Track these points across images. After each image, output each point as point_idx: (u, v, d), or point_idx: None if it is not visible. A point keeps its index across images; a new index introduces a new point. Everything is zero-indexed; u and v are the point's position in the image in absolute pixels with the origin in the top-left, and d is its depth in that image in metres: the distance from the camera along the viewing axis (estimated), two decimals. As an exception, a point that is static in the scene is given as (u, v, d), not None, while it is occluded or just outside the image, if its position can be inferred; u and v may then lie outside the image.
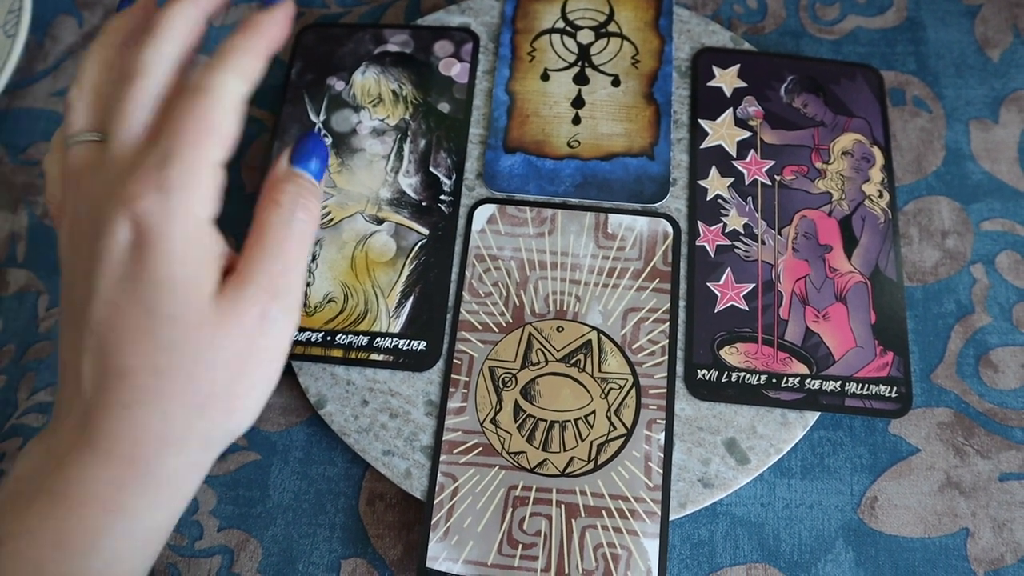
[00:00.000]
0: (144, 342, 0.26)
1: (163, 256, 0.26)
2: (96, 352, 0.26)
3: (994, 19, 0.49)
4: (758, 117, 0.45)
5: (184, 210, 0.26)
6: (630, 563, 0.36)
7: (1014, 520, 0.38)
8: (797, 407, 0.39)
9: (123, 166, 0.28)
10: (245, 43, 0.29)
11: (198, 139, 0.27)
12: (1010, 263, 0.43)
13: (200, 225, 0.27)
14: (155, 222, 0.26)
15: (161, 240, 0.26)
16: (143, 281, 0.26)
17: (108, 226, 0.27)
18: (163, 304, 0.26)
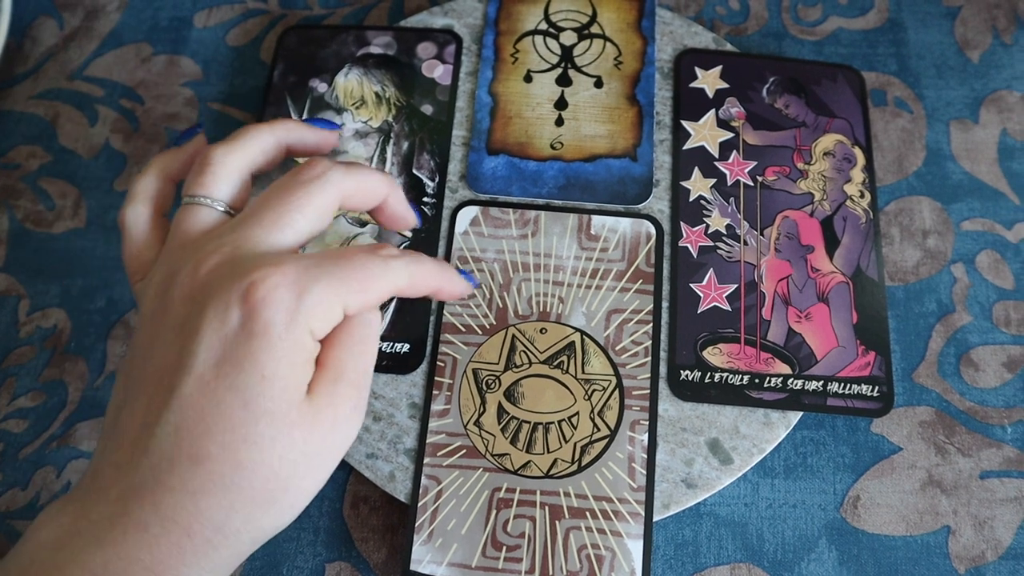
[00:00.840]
0: (232, 432, 0.25)
1: (274, 354, 0.26)
2: (174, 430, 0.25)
3: (973, 20, 0.49)
4: (740, 118, 0.46)
5: (306, 321, 0.26)
6: (614, 564, 0.36)
7: (995, 518, 0.38)
8: (780, 407, 0.39)
9: (258, 249, 0.28)
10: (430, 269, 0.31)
11: (363, 282, 0.28)
12: (990, 262, 0.43)
13: (313, 339, 0.27)
14: (278, 320, 0.26)
15: (278, 340, 0.26)
16: (246, 372, 0.25)
17: (220, 304, 0.26)
18: (263, 399, 0.25)
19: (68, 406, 0.42)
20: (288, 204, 0.29)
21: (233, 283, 0.26)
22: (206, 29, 0.51)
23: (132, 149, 0.48)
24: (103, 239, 0.45)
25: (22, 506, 0.40)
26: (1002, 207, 0.45)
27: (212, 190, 0.30)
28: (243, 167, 0.31)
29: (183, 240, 0.29)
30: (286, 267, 0.26)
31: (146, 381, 0.27)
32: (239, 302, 0.26)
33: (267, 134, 0.33)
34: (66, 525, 0.25)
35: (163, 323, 0.27)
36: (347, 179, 0.31)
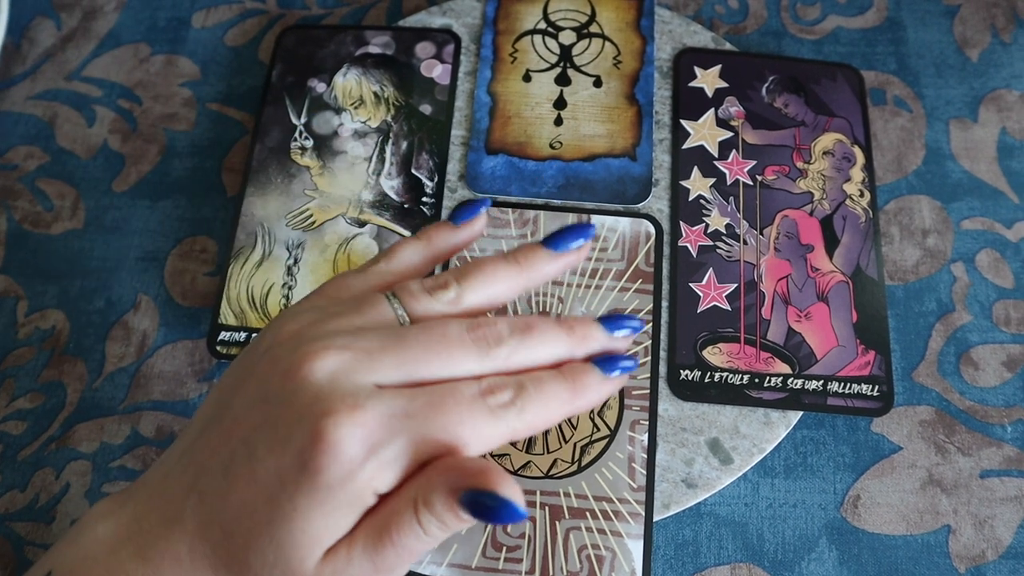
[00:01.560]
0: (252, 538, 0.24)
1: (314, 501, 0.23)
2: (220, 496, 0.25)
3: (972, 19, 0.49)
4: (740, 117, 0.46)
5: (369, 481, 0.24)
6: (614, 564, 0.36)
7: (995, 517, 0.38)
8: (780, 407, 0.39)
9: (366, 373, 0.24)
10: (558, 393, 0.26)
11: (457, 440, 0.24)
12: (990, 261, 0.43)
13: (369, 499, 0.24)
14: (334, 472, 0.23)
15: (326, 490, 0.23)
16: (284, 499, 0.24)
17: (292, 420, 0.24)
18: (282, 531, 0.24)
19: (67, 407, 0.41)
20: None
21: (313, 406, 0.24)
22: (204, 29, 0.51)
23: (130, 149, 0.47)
24: (101, 240, 0.45)
25: (21, 508, 0.39)
26: (1002, 206, 0.45)
27: (413, 306, 0.27)
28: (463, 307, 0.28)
29: (348, 314, 0.27)
30: (368, 414, 0.23)
31: (227, 428, 0.25)
32: (307, 431, 0.23)
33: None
34: (124, 525, 0.26)
35: (267, 379, 0.25)
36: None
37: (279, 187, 0.44)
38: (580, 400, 0.26)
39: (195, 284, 0.44)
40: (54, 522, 0.39)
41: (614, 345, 0.27)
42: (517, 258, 0.28)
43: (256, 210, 0.44)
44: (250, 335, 0.41)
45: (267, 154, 0.45)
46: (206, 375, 0.42)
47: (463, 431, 0.24)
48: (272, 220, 0.43)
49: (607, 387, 0.27)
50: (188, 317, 0.43)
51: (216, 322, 0.41)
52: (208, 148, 0.47)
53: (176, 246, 0.45)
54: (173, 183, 0.47)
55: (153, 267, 0.44)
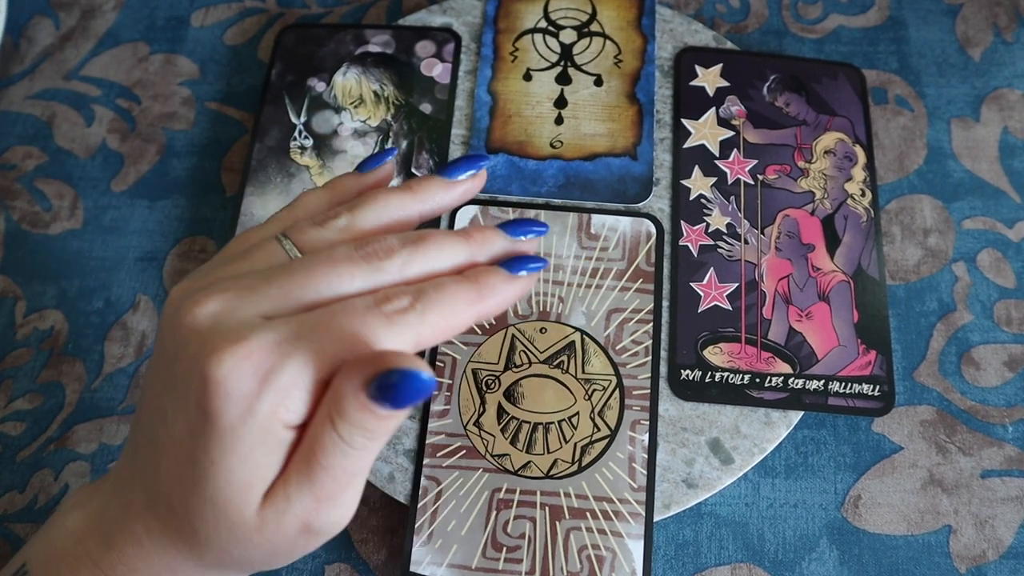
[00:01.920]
0: (190, 502, 0.24)
1: (222, 445, 0.23)
2: (154, 471, 0.24)
3: (974, 18, 0.49)
4: (741, 116, 0.45)
5: (271, 411, 0.22)
6: (615, 565, 0.36)
7: (996, 517, 0.38)
8: (780, 406, 0.39)
9: (249, 308, 0.23)
10: (461, 294, 0.24)
11: (352, 346, 0.22)
12: (991, 261, 0.43)
13: (282, 431, 0.23)
14: (230, 410, 0.22)
15: (229, 431, 0.22)
16: (200, 453, 0.23)
17: (186, 370, 0.23)
18: (211, 489, 0.23)
19: (66, 408, 0.41)
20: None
21: (199, 353, 0.23)
22: (203, 28, 0.51)
23: (129, 149, 0.47)
24: (100, 240, 0.45)
25: (20, 509, 0.39)
26: (1003, 205, 0.44)
27: (304, 241, 0.26)
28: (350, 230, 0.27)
29: (234, 263, 0.26)
30: (252, 343, 0.22)
31: (144, 401, 0.25)
32: (199, 378, 0.22)
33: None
34: (90, 516, 0.26)
35: (162, 346, 0.25)
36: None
37: (279, 186, 0.44)
38: (487, 301, 0.25)
39: (194, 284, 0.44)
40: (53, 523, 0.39)
41: (518, 247, 0.26)
42: (411, 186, 0.27)
43: (256, 209, 0.44)
44: (250, 335, 0.41)
45: (266, 153, 0.45)
46: (205, 375, 0.42)
47: (359, 342, 0.22)
48: (271, 220, 0.43)
49: (514, 287, 0.26)
50: (187, 317, 0.43)
51: (215, 322, 0.41)
52: (207, 147, 0.47)
53: (175, 246, 0.45)
54: (172, 183, 0.46)
55: (152, 267, 0.44)
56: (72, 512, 0.27)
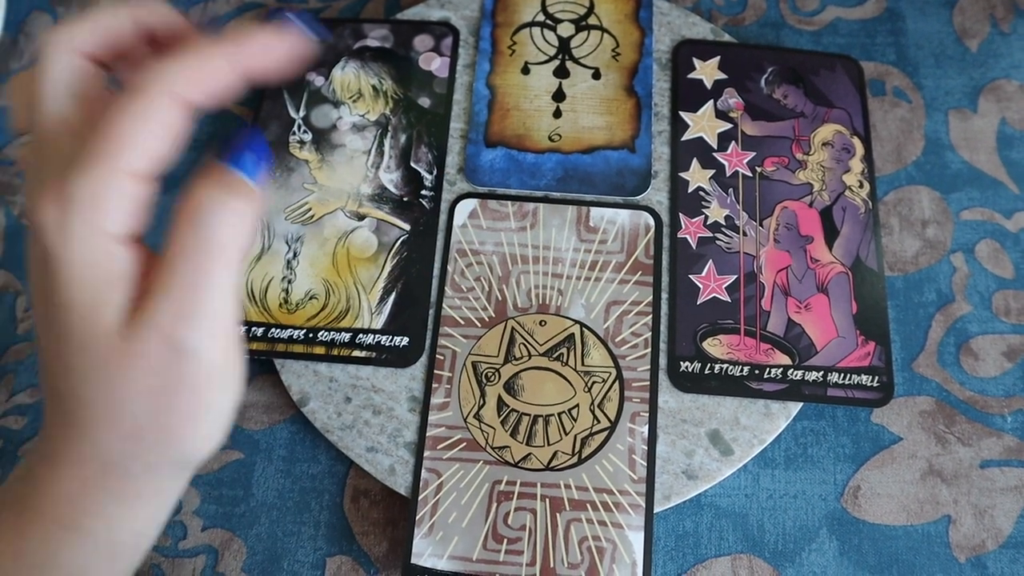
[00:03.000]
0: (62, 369, 0.24)
1: (62, 280, 0.23)
2: (43, 379, 0.25)
3: (971, 9, 0.49)
4: (739, 109, 0.45)
5: (86, 229, 0.22)
6: (615, 556, 0.36)
7: (995, 507, 0.38)
8: (780, 398, 0.39)
9: (37, 168, 0.24)
10: (217, 50, 0.24)
11: (113, 146, 0.22)
12: (989, 252, 0.43)
13: (107, 244, 0.23)
14: (52, 242, 0.22)
15: (59, 262, 0.23)
16: (51, 303, 0.23)
17: (29, 238, 0.24)
18: (70, 331, 0.23)
19: (67, 402, 0.41)
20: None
21: (28, 216, 0.24)
22: (202, 23, 0.51)
23: (128, 144, 0.47)
24: (100, 235, 0.45)
25: (22, 502, 0.39)
26: (1001, 196, 0.44)
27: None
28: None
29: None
30: (46, 180, 0.23)
31: None
32: (31, 235, 0.23)
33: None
34: (29, 462, 0.26)
35: None
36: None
37: (278, 180, 0.44)
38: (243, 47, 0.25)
39: (194, 278, 0.44)
40: (55, 517, 0.39)
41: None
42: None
43: (255, 204, 0.44)
44: (250, 329, 0.41)
45: (266, 148, 0.45)
46: (206, 369, 0.42)
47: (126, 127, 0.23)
48: (271, 214, 0.43)
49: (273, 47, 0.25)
50: (188, 311, 0.43)
51: (216, 316, 0.41)
52: (206, 142, 0.47)
53: (175, 240, 0.45)
54: (171, 178, 0.46)
55: (152, 262, 0.44)
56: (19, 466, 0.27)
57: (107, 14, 0.26)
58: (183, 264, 0.23)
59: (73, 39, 0.25)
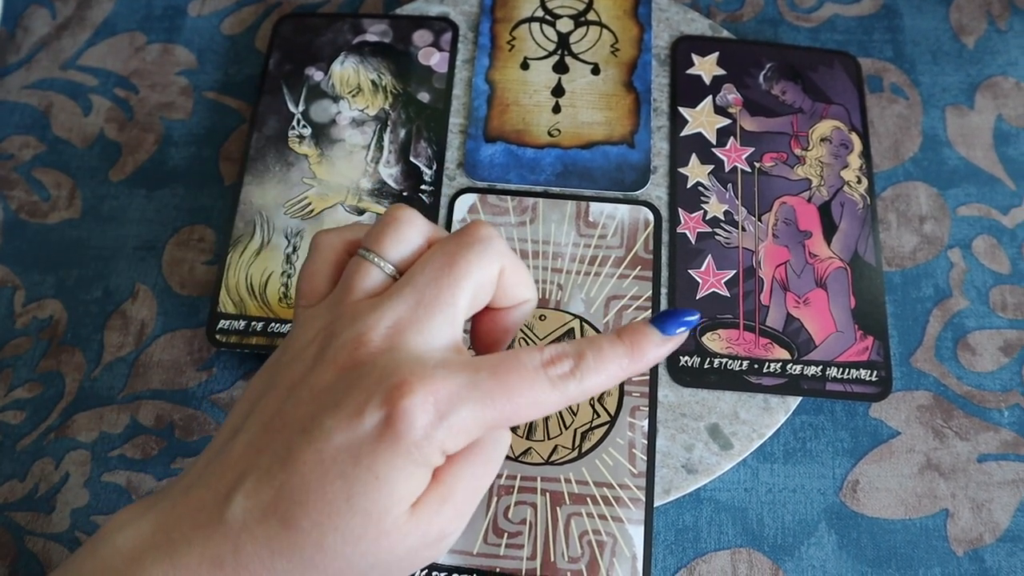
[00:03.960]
0: (327, 517, 0.25)
1: (395, 463, 0.25)
2: (278, 487, 0.25)
3: (968, 6, 0.50)
4: (737, 104, 0.46)
5: (441, 443, 0.25)
6: (615, 550, 0.37)
7: (992, 500, 0.39)
8: (779, 392, 0.40)
9: (419, 343, 0.27)
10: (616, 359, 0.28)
11: (508, 408, 0.26)
12: (986, 247, 0.44)
13: (438, 456, 0.26)
14: (411, 437, 0.25)
15: (405, 452, 0.25)
16: (362, 468, 0.25)
17: (364, 395, 0.25)
18: (366, 499, 0.25)
19: (65, 397, 0.41)
20: (451, 276, 0.27)
21: (384, 381, 0.25)
22: (200, 18, 0.51)
23: (127, 138, 0.47)
24: (99, 229, 0.45)
25: (20, 497, 0.39)
26: (998, 192, 0.45)
27: (388, 251, 0.29)
28: (427, 234, 0.30)
29: (352, 298, 0.28)
30: (438, 384, 0.25)
31: (270, 425, 0.26)
32: (381, 403, 0.25)
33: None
34: (146, 535, 0.26)
35: (308, 379, 0.27)
36: (511, 252, 0.29)
37: (277, 175, 0.44)
38: (638, 365, 0.28)
39: (193, 273, 0.44)
40: (54, 512, 0.39)
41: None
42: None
43: (254, 198, 0.44)
44: (249, 323, 0.41)
45: (265, 142, 0.45)
46: (205, 364, 0.42)
47: (523, 401, 0.26)
48: (271, 208, 0.43)
49: (666, 348, 0.28)
50: (186, 306, 0.43)
51: (215, 310, 0.41)
52: (205, 137, 0.47)
53: (174, 235, 0.45)
54: (170, 172, 0.46)
55: (151, 256, 0.44)
56: (122, 531, 0.26)
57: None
58: (481, 471, 0.28)
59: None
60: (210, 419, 0.41)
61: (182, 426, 0.41)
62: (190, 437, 0.40)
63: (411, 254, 0.29)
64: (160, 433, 0.40)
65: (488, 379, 0.26)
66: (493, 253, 0.28)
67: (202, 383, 0.41)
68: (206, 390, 0.41)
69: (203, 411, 0.41)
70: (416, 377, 0.25)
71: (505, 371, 0.26)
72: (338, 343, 0.27)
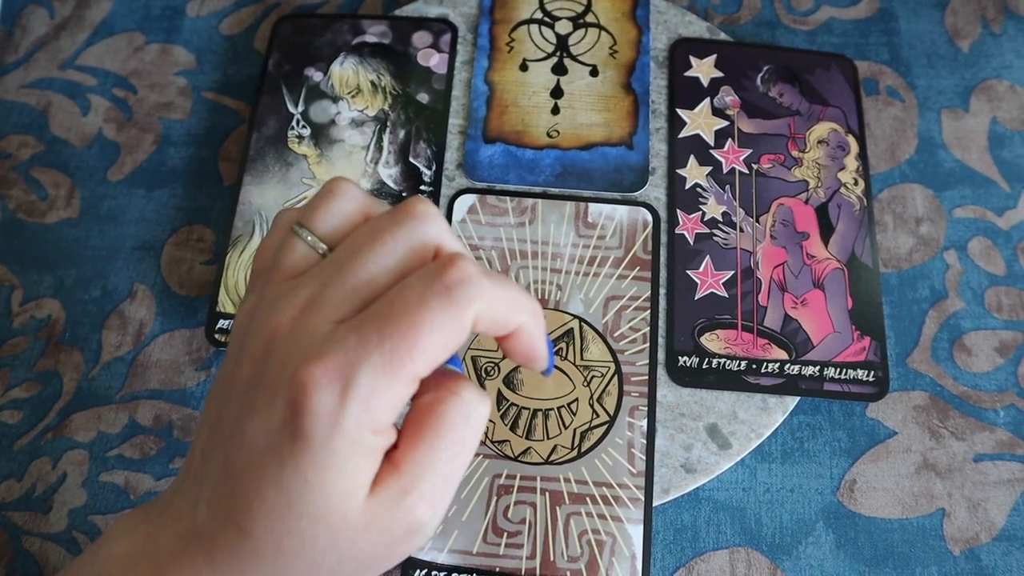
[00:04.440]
0: (276, 522, 0.24)
1: (315, 460, 0.23)
2: (227, 495, 0.24)
3: (963, 10, 0.50)
4: (735, 106, 0.46)
5: (356, 425, 0.23)
6: (615, 549, 0.37)
7: (988, 500, 0.39)
8: (777, 392, 0.40)
9: (320, 318, 0.24)
10: (528, 301, 0.25)
11: (412, 354, 0.23)
12: (981, 249, 0.44)
13: (369, 437, 0.23)
14: (319, 428, 0.23)
15: (320, 447, 0.23)
16: (288, 471, 0.23)
17: (270, 393, 0.23)
18: (307, 504, 0.23)
19: (63, 397, 0.41)
20: (367, 249, 0.25)
21: (282, 374, 0.23)
22: (199, 18, 0.51)
23: (125, 138, 0.47)
24: (97, 229, 0.45)
25: (17, 497, 0.39)
26: (993, 194, 0.45)
27: (318, 225, 0.26)
28: (363, 207, 0.27)
29: (278, 276, 0.26)
30: (327, 359, 0.23)
31: (213, 431, 0.25)
32: (284, 400, 0.23)
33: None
34: (138, 543, 0.26)
35: (234, 376, 0.25)
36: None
37: (277, 175, 0.44)
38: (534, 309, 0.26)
39: (192, 273, 0.44)
40: (51, 512, 0.39)
41: None
42: None
43: (254, 198, 0.44)
44: (249, 323, 0.41)
45: (264, 142, 0.45)
46: (204, 363, 0.42)
47: (424, 331, 0.23)
48: (270, 208, 0.43)
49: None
50: (185, 306, 0.43)
51: (214, 310, 0.41)
52: (204, 137, 0.47)
53: (172, 235, 0.45)
54: (169, 172, 0.46)
55: (149, 256, 0.44)
56: (119, 539, 0.26)
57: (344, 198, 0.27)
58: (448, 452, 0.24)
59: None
60: (209, 419, 0.41)
61: (180, 426, 0.41)
62: (188, 437, 0.40)
63: (344, 227, 0.27)
64: (158, 433, 0.40)
65: (374, 326, 0.23)
66: (425, 228, 0.25)
67: (200, 383, 0.41)
68: (204, 390, 0.41)
69: (201, 411, 0.41)
70: (306, 361, 0.23)
71: (389, 308, 0.23)
72: (254, 333, 0.25)
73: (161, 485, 0.39)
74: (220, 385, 0.26)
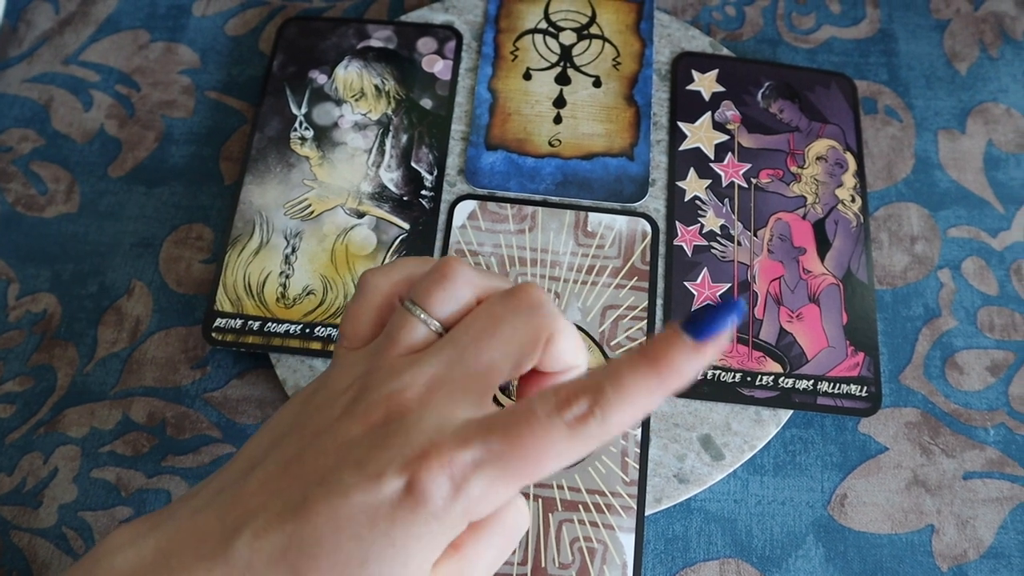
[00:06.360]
0: (332, 567, 0.24)
1: (411, 532, 0.24)
2: (287, 537, 0.24)
3: (962, 34, 0.51)
4: (735, 121, 0.46)
5: (461, 515, 0.24)
6: (606, 557, 0.37)
7: (977, 517, 0.39)
8: (771, 405, 0.40)
9: (451, 406, 0.25)
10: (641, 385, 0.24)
11: (526, 468, 0.24)
12: (975, 269, 0.44)
13: (461, 526, 0.24)
14: (428, 510, 0.23)
15: (422, 524, 0.24)
16: (377, 532, 0.24)
17: (385, 461, 0.24)
18: (381, 564, 0.24)
19: (57, 391, 0.41)
20: (492, 340, 0.26)
21: (406, 447, 0.24)
22: (205, 18, 0.51)
23: (127, 135, 0.47)
24: (96, 225, 0.45)
25: (8, 491, 0.39)
26: (987, 215, 0.46)
27: (435, 307, 0.27)
28: (478, 289, 0.28)
29: (393, 351, 0.27)
30: (452, 456, 0.24)
31: (288, 468, 0.25)
32: (401, 470, 0.24)
33: None
34: (146, 560, 0.25)
35: (335, 428, 0.26)
36: (561, 319, 0.27)
37: (278, 176, 0.44)
38: (669, 385, 0.24)
39: (190, 271, 0.44)
40: (41, 507, 0.39)
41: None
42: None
43: (254, 198, 0.44)
44: (246, 322, 0.41)
45: (266, 143, 0.45)
46: (199, 362, 0.42)
47: (540, 456, 0.24)
48: (270, 208, 0.43)
49: (701, 360, 0.24)
50: (182, 304, 0.43)
51: (212, 309, 0.41)
52: (206, 136, 0.47)
53: (171, 233, 0.45)
54: (170, 170, 0.46)
55: (148, 253, 0.44)
56: (122, 552, 0.25)
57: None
58: (493, 552, 0.26)
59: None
60: (203, 417, 0.41)
61: (174, 424, 0.40)
62: (182, 435, 0.40)
63: (459, 310, 0.28)
64: (152, 430, 0.40)
65: (499, 442, 0.24)
66: (540, 319, 0.26)
67: (196, 381, 0.41)
68: (199, 388, 0.41)
69: (196, 409, 0.41)
70: (434, 447, 0.24)
71: (516, 429, 0.24)
72: (371, 398, 0.26)
73: (153, 483, 0.39)
74: (305, 430, 0.26)
